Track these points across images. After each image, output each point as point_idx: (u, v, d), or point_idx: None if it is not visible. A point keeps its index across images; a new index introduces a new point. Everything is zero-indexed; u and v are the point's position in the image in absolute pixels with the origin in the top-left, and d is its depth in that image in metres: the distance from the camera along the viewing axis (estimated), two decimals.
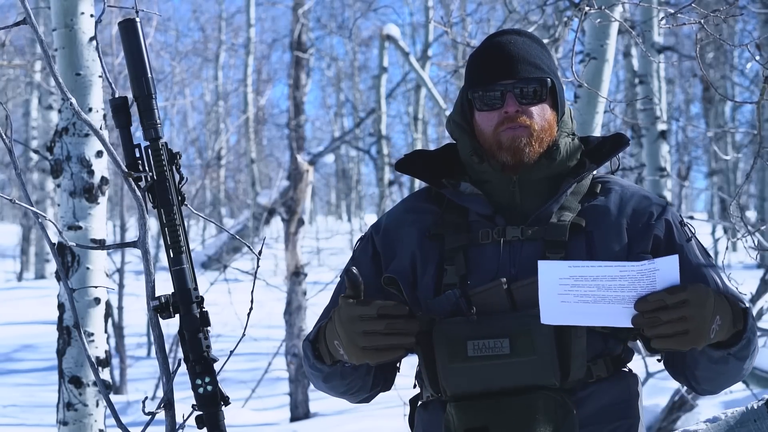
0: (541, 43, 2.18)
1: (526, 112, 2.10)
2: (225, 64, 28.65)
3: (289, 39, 11.32)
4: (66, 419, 3.73)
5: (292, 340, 9.03)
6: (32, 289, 17.38)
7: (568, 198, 2.11)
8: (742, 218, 3.25)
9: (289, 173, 9.68)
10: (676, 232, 2.10)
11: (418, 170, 2.22)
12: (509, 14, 5.97)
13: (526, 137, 2.09)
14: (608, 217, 2.09)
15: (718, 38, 3.15)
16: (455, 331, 2.01)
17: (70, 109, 3.73)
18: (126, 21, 2.07)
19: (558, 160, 2.12)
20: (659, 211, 2.11)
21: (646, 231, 2.08)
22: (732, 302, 1.95)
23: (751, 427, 2.47)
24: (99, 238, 3.77)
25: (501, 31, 2.19)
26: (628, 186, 2.17)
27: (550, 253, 2.04)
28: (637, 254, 2.04)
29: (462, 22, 16.12)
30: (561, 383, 1.99)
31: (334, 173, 35.07)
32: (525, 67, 2.10)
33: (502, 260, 2.07)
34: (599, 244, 2.06)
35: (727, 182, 22.04)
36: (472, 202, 2.14)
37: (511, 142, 2.10)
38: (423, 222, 2.17)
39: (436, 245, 2.13)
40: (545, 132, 2.11)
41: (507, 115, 2.10)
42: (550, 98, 2.13)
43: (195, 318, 2.03)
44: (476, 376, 1.99)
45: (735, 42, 14.45)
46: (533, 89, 2.10)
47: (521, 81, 2.10)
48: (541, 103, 2.11)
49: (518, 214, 2.12)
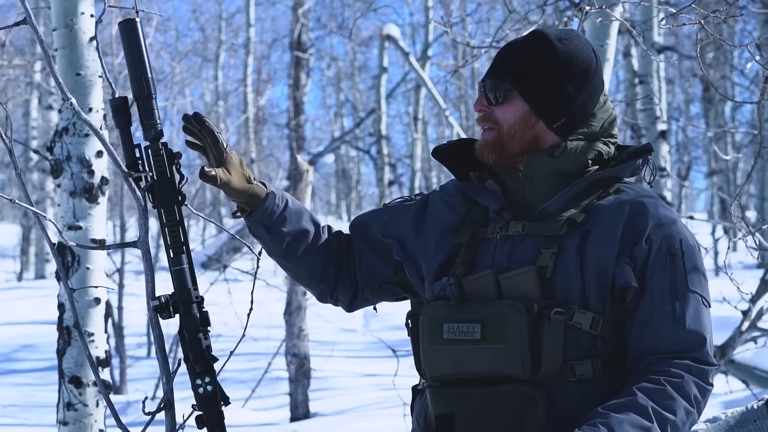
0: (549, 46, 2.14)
1: (492, 112, 2.15)
2: (225, 64, 28.65)
3: (289, 39, 11.32)
4: (66, 419, 3.73)
5: (292, 340, 9.02)
6: (32, 289, 17.36)
7: (578, 197, 2.11)
8: (742, 218, 3.25)
9: (289, 173, 9.68)
10: (655, 257, 2.04)
11: (449, 161, 2.26)
12: (509, 14, 5.97)
13: (491, 140, 2.15)
14: (607, 219, 2.08)
15: (718, 38, 3.15)
16: (435, 314, 2.09)
17: (70, 109, 3.72)
18: (126, 21, 2.07)
19: (561, 158, 2.12)
20: (651, 228, 2.06)
21: (630, 247, 2.05)
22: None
23: (751, 427, 2.47)
24: (99, 238, 3.77)
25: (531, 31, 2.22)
26: (641, 193, 2.13)
27: (546, 247, 2.06)
28: (623, 264, 2.04)
29: (462, 22, 16.12)
30: (532, 376, 2.00)
31: (334, 173, 35.07)
32: (495, 69, 2.16)
33: (499, 253, 2.10)
34: (591, 243, 2.05)
35: (727, 182, 22.04)
36: (484, 197, 2.18)
37: (480, 145, 2.18)
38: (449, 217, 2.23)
39: (452, 238, 2.19)
40: (513, 134, 2.13)
41: (477, 111, 2.18)
42: (520, 101, 2.13)
43: (195, 318, 2.03)
44: (450, 358, 2.05)
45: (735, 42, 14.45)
46: (495, 90, 2.14)
47: (490, 80, 2.15)
48: (506, 105, 2.13)
49: (525, 210, 2.14)
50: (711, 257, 13.32)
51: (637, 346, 2.03)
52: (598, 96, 2.17)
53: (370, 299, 2.37)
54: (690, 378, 1.99)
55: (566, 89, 2.14)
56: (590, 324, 2.01)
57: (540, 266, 2.04)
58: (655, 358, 2.01)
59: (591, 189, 2.12)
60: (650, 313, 2.03)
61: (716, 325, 2.09)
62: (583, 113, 2.15)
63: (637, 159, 2.16)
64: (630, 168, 2.16)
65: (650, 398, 1.95)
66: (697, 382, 1.99)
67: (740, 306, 6.23)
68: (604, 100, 2.19)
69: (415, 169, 18.86)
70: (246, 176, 2.21)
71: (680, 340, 2.01)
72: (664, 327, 2.02)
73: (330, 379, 10.31)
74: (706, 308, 2.06)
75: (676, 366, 1.99)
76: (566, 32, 2.18)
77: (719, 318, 8.19)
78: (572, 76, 2.14)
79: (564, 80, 2.14)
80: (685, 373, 1.99)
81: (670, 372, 1.99)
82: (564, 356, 2.01)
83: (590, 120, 2.15)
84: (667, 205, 2.15)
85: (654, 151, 2.22)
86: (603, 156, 2.15)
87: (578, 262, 2.04)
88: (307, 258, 2.31)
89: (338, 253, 2.34)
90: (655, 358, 2.01)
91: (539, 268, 2.04)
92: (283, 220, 2.26)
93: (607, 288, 2.04)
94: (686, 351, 2.01)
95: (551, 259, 2.04)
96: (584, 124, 2.15)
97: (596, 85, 2.16)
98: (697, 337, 2.02)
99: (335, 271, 2.34)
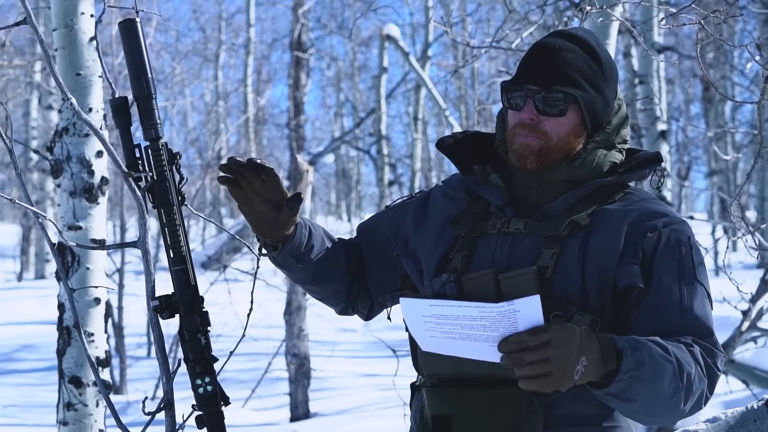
0: (593, 51, 2.12)
1: (541, 123, 2.09)
2: (225, 64, 28.66)
3: (289, 39, 11.32)
4: (66, 419, 3.73)
5: (292, 340, 9.02)
6: (32, 289, 17.37)
7: (583, 200, 2.10)
8: (742, 218, 3.25)
9: (289, 173, 9.68)
10: (663, 247, 2.03)
11: (454, 154, 2.24)
12: (509, 14, 5.97)
13: (536, 148, 2.09)
14: (612, 222, 2.06)
15: (718, 38, 3.15)
16: None
17: (70, 109, 3.72)
18: (126, 21, 2.07)
19: (579, 168, 2.11)
20: (660, 225, 2.05)
21: (637, 242, 2.04)
22: (605, 342, 1.85)
23: (751, 427, 2.47)
24: (99, 238, 3.77)
25: (558, 32, 2.17)
26: (647, 199, 2.12)
27: (547, 247, 2.05)
28: (627, 264, 2.02)
29: (462, 22, 16.12)
30: None
31: (334, 173, 35.08)
32: (554, 78, 2.08)
33: (499, 251, 2.09)
34: (594, 244, 2.04)
35: (727, 182, 22.03)
36: (487, 192, 2.16)
37: (520, 148, 2.11)
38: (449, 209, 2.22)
39: (451, 230, 2.17)
40: (561, 146, 2.10)
41: (521, 121, 2.10)
42: (575, 113, 2.10)
43: (195, 318, 2.03)
44: (447, 358, 2.01)
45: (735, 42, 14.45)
46: (555, 102, 2.08)
47: (546, 90, 2.08)
48: (561, 117, 2.09)
49: (529, 208, 2.13)
50: (711, 257, 13.32)
51: (644, 332, 1.98)
52: (614, 100, 2.16)
53: (385, 305, 2.35)
54: (700, 351, 1.95)
55: (610, 99, 2.14)
56: (589, 326, 1.99)
57: (540, 266, 2.03)
58: (664, 337, 1.96)
59: (597, 194, 2.11)
60: (659, 300, 2.00)
61: (716, 325, 2.07)
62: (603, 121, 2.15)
63: (646, 168, 2.15)
64: (638, 175, 2.15)
65: (669, 344, 1.91)
66: (706, 358, 1.96)
67: (740, 306, 6.24)
68: (619, 104, 2.17)
69: (415, 169, 18.86)
70: None
71: (688, 325, 1.99)
72: (672, 312, 2.00)
73: (330, 379, 10.32)
74: (710, 304, 2.05)
75: (687, 339, 1.96)
76: (592, 35, 2.16)
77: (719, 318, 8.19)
78: (614, 85, 2.14)
79: (610, 89, 2.13)
80: (696, 345, 1.96)
81: (681, 341, 1.95)
82: None
83: (607, 127, 2.14)
84: (676, 213, 2.14)
85: (663, 161, 2.20)
86: (616, 164, 2.14)
87: (580, 263, 2.03)
88: (335, 280, 2.31)
89: (357, 268, 2.34)
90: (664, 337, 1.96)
91: (539, 268, 2.02)
92: (311, 249, 2.25)
93: (608, 289, 2.03)
94: (694, 335, 1.98)
95: (552, 260, 2.03)
96: (602, 131, 2.14)
97: (617, 91, 2.17)
98: (703, 324, 2.00)
99: (358, 288, 2.34)
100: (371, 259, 2.33)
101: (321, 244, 2.27)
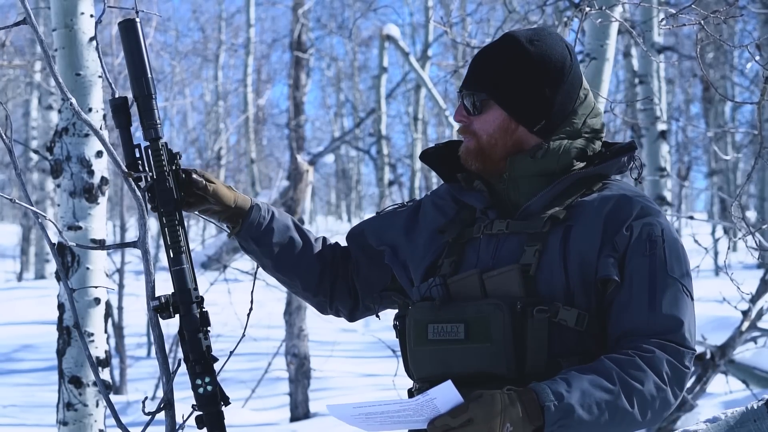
0: (522, 48, 2.14)
1: (471, 123, 2.16)
2: (225, 64, 28.63)
3: (289, 39, 11.32)
4: (66, 419, 3.73)
5: (292, 340, 9.02)
6: (32, 289, 17.35)
7: (562, 195, 2.11)
8: (742, 218, 3.25)
9: (289, 173, 9.68)
10: (634, 243, 2.04)
11: (436, 164, 2.27)
12: (509, 14, 5.97)
13: (472, 148, 2.15)
14: (589, 214, 2.07)
15: (718, 38, 3.15)
16: (420, 315, 2.10)
17: (70, 109, 3.72)
18: (126, 21, 2.08)
19: (543, 159, 2.12)
20: (633, 217, 2.06)
21: (612, 236, 2.04)
22: (528, 401, 1.87)
23: (751, 427, 2.47)
24: (99, 238, 3.77)
25: (503, 34, 2.21)
26: (624, 188, 2.13)
27: (529, 245, 2.06)
28: (605, 256, 2.03)
29: (462, 22, 16.12)
30: (517, 374, 1.99)
31: (334, 173, 35.07)
32: (468, 79, 2.16)
33: (484, 252, 2.11)
34: (574, 238, 2.05)
35: (727, 182, 22.03)
36: (470, 198, 2.19)
37: (462, 151, 2.18)
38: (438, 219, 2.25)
39: (439, 239, 2.21)
40: (494, 143, 2.14)
41: (458, 122, 2.19)
42: (497, 109, 2.14)
43: (195, 318, 2.03)
44: (435, 359, 2.05)
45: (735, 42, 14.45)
46: (473, 102, 2.15)
47: (467, 91, 2.16)
48: (484, 115, 2.14)
49: (510, 209, 2.15)
50: (711, 257, 13.32)
51: (614, 332, 2.02)
52: (576, 92, 2.15)
53: (371, 308, 2.38)
54: (662, 355, 1.97)
55: (542, 92, 2.13)
56: (575, 320, 2.00)
57: (523, 264, 2.04)
58: (630, 340, 1.99)
59: (575, 187, 2.12)
60: (627, 299, 2.02)
61: (716, 325, 2.08)
62: (563, 112, 2.14)
63: (621, 156, 2.15)
64: (615, 165, 2.15)
65: (616, 365, 1.94)
66: (669, 361, 1.97)
67: (740, 306, 6.23)
68: (585, 94, 2.17)
69: (415, 169, 18.88)
70: (227, 186, 2.25)
71: (655, 324, 2.00)
72: (640, 312, 2.01)
73: (330, 379, 10.31)
74: (687, 297, 2.04)
75: (649, 343, 1.98)
76: (536, 32, 2.17)
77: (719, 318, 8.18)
78: (547, 78, 2.13)
79: (539, 83, 2.13)
80: (657, 349, 1.97)
81: (642, 347, 1.97)
82: (549, 354, 2.00)
83: (572, 118, 2.15)
84: (652, 201, 2.14)
85: (638, 148, 2.21)
86: (587, 153, 2.15)
87: (562, 258, 2.04)
88: (300, 269, 2.33)
89: (332, 263, 2.36)
90: (629, 340, 1.99)
91: (522, 266, 2.04)
92: (270, 232, 2.29)
93: (592, 283, 2.04)
94: (661, 333, 1.99)
95: (535, 257, 2.05)
96: (566, 122, 2.15)
97: (574, 82, 2.15)
98: (672, 320, 2.00)
99: (330, 282, 2.35)
100: (360, 258, 2.35)
101: (284, 231, 2.31)
